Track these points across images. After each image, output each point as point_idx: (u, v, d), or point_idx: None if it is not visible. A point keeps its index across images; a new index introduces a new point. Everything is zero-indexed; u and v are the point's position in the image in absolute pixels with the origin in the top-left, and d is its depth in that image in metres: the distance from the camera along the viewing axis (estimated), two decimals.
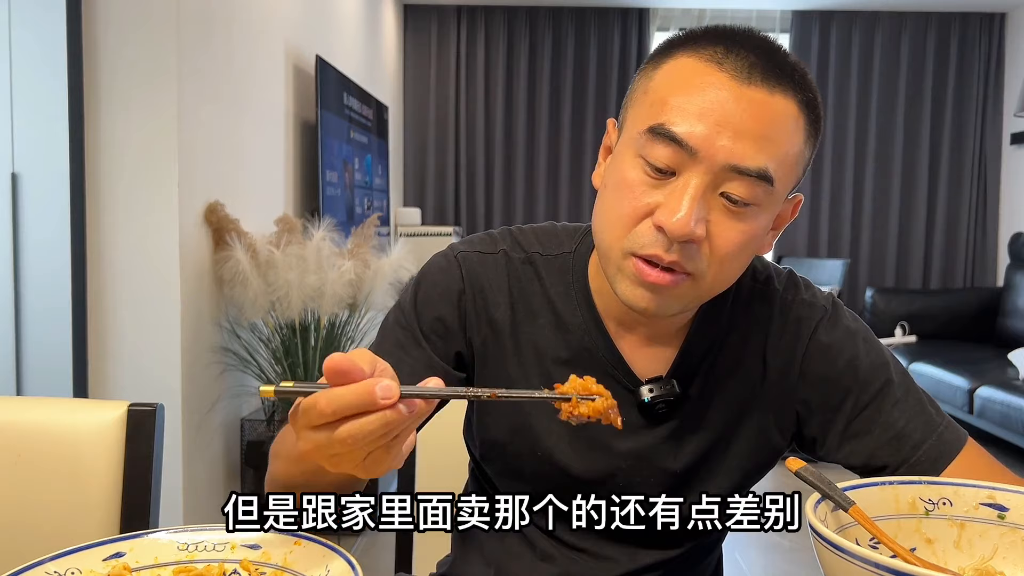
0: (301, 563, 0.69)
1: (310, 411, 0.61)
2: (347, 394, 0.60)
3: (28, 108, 2.27)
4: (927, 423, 0.88)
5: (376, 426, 0.60)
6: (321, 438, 0.61)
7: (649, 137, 0.79)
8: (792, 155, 0.80)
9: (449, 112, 6.11)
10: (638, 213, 0.80)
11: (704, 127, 0.76)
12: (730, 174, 0.77)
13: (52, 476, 0.99)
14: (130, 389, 2.41)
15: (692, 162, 0.77)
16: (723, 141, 0.76)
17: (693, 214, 0.76)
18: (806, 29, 6.04)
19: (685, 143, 0.77)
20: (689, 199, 0.77)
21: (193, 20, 2.48)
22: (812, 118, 0.82)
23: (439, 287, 0.94)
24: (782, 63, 0.80)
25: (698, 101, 0.77)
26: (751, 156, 0.77)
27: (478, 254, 0.95)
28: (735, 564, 2.90)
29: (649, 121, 0.79)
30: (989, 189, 6.04)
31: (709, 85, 0.78)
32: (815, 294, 0.95)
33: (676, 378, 0.91)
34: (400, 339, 0.94)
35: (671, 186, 0.78)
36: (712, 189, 0.78)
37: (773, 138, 0.78)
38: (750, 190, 0.78)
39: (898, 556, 0.69)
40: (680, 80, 0.80)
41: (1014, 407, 3.84)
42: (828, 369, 0.91)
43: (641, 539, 0.94)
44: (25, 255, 2.30)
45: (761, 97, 0.77)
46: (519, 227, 0.99)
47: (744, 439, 0.93)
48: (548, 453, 0.92)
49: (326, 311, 2.80)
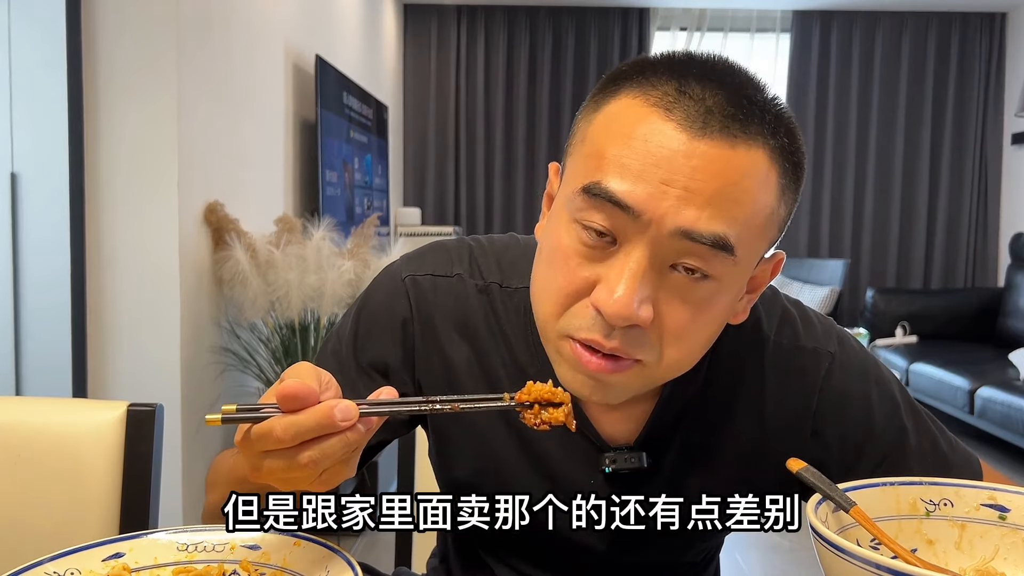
0: (301, 563, 0.69)
1: (265, 438, 0.58)
2: (306, 420, 0.57)
3: (27, 108, 2.27)
4: (941, 466, 0.83)
5: (337, 448, 0.58)
6: (277, 464, 0.59)
7: (584, 199, 0.66)
8: (760, 216, 0.67)
9: (449, 112, 6.11)
10: (574, 289, 0.68)
11: (647, 185, 0.64)
12: (681, 242, 0.64)
13: (52, 476, 0.99)
14: (130, 389, 2.41)
15: (634, 228, 0.65)
16: (670, 202, 0.63)
17: (636, 294, 0.64)
18: (806, 29, 6.04)
19: (625, 205, 0.64)
20: (630, 275, 0.65)
21: (193, 19, 2.48)
22: (788, 168, 0.68)
23: (382, 319, 0.84)
24: (748, 104, 0.66)
25: (641, 154, 0.64)
26: (704, 221, 0.64)
27: (430, 278, 0.84)
28: (735, 564, 2.89)
29: (584, 179, 0.66)
30: (990, 189, 6.04)
31: (654, 135, 0.64)
32: (816, 334, 0.83)
33: (647, 447, 0.81)
34: (333, 373, 0.88)
35: (612, 259, 0.66)
36: (660, 262, 0.66)
37: (734, 199, 0.65)
38: (705, 261, 0.65)
39: (899, 557, 0.68)
40: (621, 128, 0.66)
41: (1015, 407, 3.84)
42: (843, 428, 0.82)
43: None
44: (24, 255, 2.30)
45: (718, 151, 0.64)
46: (479, 240, 0.87)
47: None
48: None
49: (326, 311, 2.80)
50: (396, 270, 0.86)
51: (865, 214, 6.09)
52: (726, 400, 0.81)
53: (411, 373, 0.85)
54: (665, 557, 0.90)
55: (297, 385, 0.58)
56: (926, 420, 0.86)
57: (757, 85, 0.69)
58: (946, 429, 0.88)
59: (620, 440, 0.82)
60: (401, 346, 0.84)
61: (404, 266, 0.86)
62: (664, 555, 0.89)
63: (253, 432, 0.59)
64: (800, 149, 0.70)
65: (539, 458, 0.84)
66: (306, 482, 0.60)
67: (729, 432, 0.82)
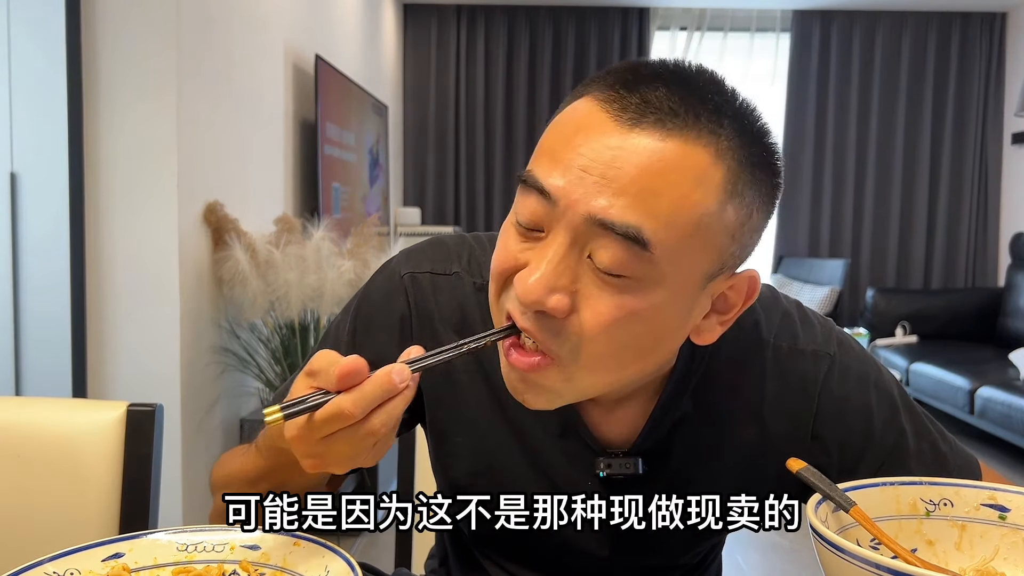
0: (301, 564, 0.69)
1: (335, 419, 0.61)
2: (372, 390, 0.61)
3: (27, 107, 2.27)
4: (941, 468, 0.83)
5: (400, 407, 0.63)
6: (344, 443, 0.62)
7: (521, 188, 0.67)
8: (689, 215, 0.63)
9: (449, 112, 6.11)
10: (507, 268, 0.68)
11: (567, 172, 0.64)
12: (595, 230, 0.63)
13: (52, 476, 0.99)
14: (129, 389, 2.41)
15: (555, 216, 0.65)
16: (585, 188, 0.63)
17: (548, 281, 0.64)
18: (806, 29, 6.04)
19: (545, 191, 0.64)
20: (546, 262, 0.64)
21: (193, 20, 2.48)
22: (740, 171, 0.65)
23: (379, 316, 0.84)
24: (699, 103, 0.64)
25: (572, 145, 0.65)
26: (617, 209, 0.62)
27: (429, 276, 0.84)
28: (735, 564, 2.89)
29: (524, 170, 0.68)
30: (990, 189, 6.04)
31: (590, 128, 0.64)
32: (815, 337, 0.83)
33: (643, 452, 0.80)
34: None
35: (538, 245, 0.66)
36: (580, 251, 0.65)
37: (653, 190, 0.62)
38: (615, 254, 0.63)
39: (899, 557, 0.68)
40: (565, 124, 0.67)
41: (1015, 407, 3.84)
42: (843, 432, 0.82)
43: None
44: (24, 255, 2.30)
45: (648, 143, 0.63)
46: (480, 238, 0.87)
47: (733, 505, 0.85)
48: None
49: (326, 311, 2.80)
50: (395, 267, 0.86)
51: (865, 214, 6.09)
52: (725, 405, 0.81)
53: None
54: (663, 560, 0.90)
55: (353, 361, 0.61)
56: (925, 422, 0.86)
57: (720, 88, 0.67)
58: (945, 431, 0.88)
59: (617, 444, 0.82)
60: (399, 343, 0.82)
61: (403, 263, 0.86)
62: (662, 558, 0.89)
63: (318, 417, 0.62)
64: (766, 155, 0.67)
65: (537, 460, 0.84)
66: (367, 456, 0.64)
67: (728, 437, 0.82)
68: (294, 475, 0.75)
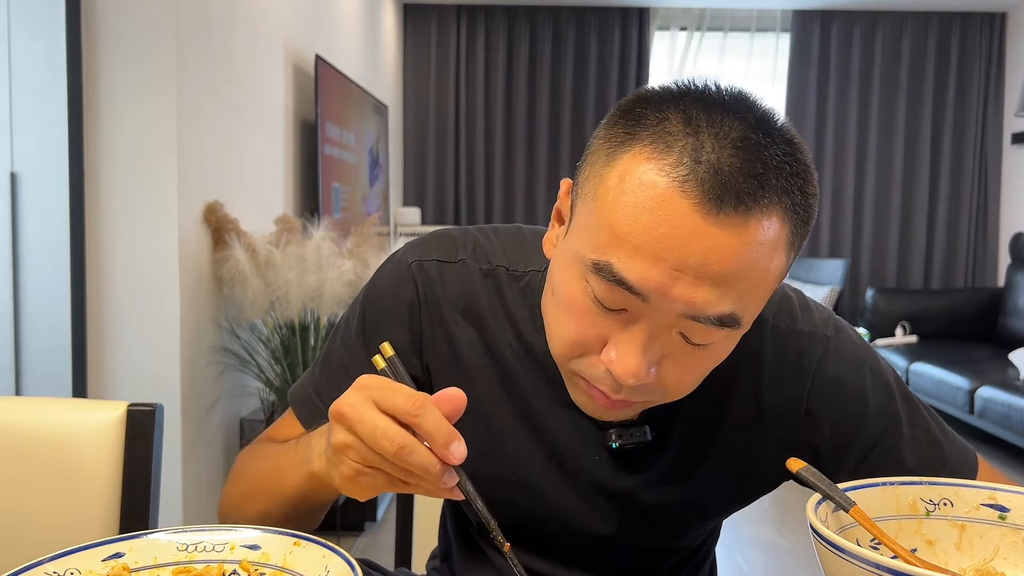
0: (301, 563, 0.69)
1: (411, 450, 0.63)
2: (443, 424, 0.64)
3: (27, 107, 2.27)
4: (937, 456, 0.84)
5: (420, 458, 0.64)
6: (383, 476, 0.65)
7: (595, 270, 0.67)
8: (769, 282, 0.68)
9: (449, 112, 6.11)
10: (585, 341, 0.70)
11: (658, 272, 0.64)
12: (687, 320, 0.66)
13: (51, 476, 0.99)
14: (129, 389, 2.41)
15: (644, 306, 0.66)
16: (680, 288, 0.64)
17: (644, 365, 0.67)
18: (806, 29, 6.04)
19: (636, 290, 0.65)
20: (640, 346, 0.67)
21: (193, 20, 2.48)
22: (798, 221, 0.67)
23: (388, 302, 0.86)
24: (764, 168, 0.64)
25: (654, 237, 0.63)
26: (712, 303, 0.65)
27: (436, 263, 0.86)
28: (735, 564, 2.89)
29: (595, 253, 0.66)
30: (990, 189, 6.04)
31: (669, 217, 0.63)
32: (813, 319, 0.85)
33: (650, 421, 0.83)
34: (343, 360, 0.88)
35: (621, 322, 0.68)
36: (667, 329, 0.68)
37: (744, 275, 0.65)
38: (709, 334, 0.67)
39: (899, 557, 0.68)
40: (635, 201, 0.64)
41: (1015, 407, 3.84)
42: (836, 411, 0.83)
43: (621, 569, 0.91)
44: (24, 255, 2.30)
45: (731, 230, 0.63)
46: (484, 230, 0.89)
47: (734, 480, 0.86)
48: (522, 481, 0.86)
49: (326, 311, 2.80)
50: (402, 256, 0.88)
51: (865, 214, 6.09)
52: (725, 379, 0.82)
53: (419, 356, 0.86)
54: (666, 540, 0.91)
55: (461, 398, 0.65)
56: (922, 410, 0.86)
57: (769, 125, 0.66)
58: (944, 423, 0.88)
59: (623, 418, 0.84)
60: (409, 330, 0.86)
61: (410, 252, 0.88)
62: (666, 536, 0.91)
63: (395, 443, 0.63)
64: (811, 196, 0.68)
65: (544, 438, 0.85)
66: (377, 489, 0.68)
67: (728, 409, 0.84)
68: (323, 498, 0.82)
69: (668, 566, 0.95)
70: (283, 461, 0.82)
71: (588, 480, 0.85)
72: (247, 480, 0.88)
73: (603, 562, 0.90)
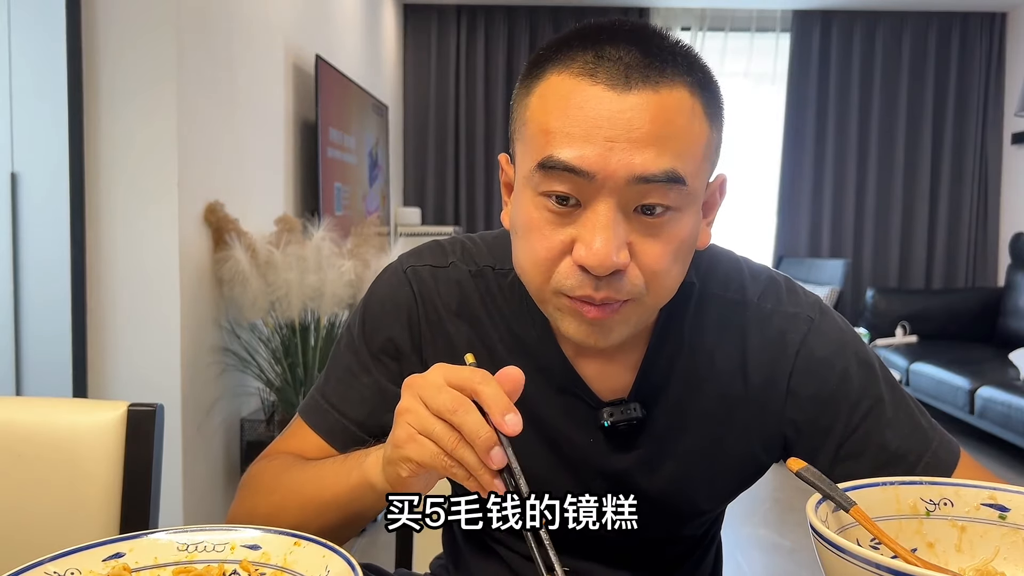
0: (301, 563, 0.69)
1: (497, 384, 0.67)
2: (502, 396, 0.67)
3: (28, 108, 2.27)
4: (920, 441, 0.85)
5: (472, 424, 0.66)
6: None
7: (542, 173, 0.72)
8: (699, 145, 0.74)
9: (449, 112, 6.11)
10: (554, 253, 0.74)
11: (594, 147, 0.70)
12: (638, 187, 0.71)
13: (52, 476, 0.99)
14: (130, 389, 2.41)
15: (593, 187, 0.71)
16: (619, 155, 0.70)
17: (612, 243, 0.71)
18: (807, 29, 6.04)
19: (579, 170, 0.70)
20: (602, 227, 0.71)
21: (193, 20, 2.48)
22: (708, 98, 0.75)
23: (388, 305, 0.90)
24: (660, 51, 0.73)
25: (580, 120, 0.71)
26: (653, 161, 0.70)
27: (429, 268, 0.91)
28: (735, 564, 2.89)
29: (537, 156, 0.73)
30: (990, 189, 6.04)
31: (587, 100, 0.71)
32: (799, 301, 0.88)
33: (640, 399, 0.86)
34: (349, 364, 0.91)
35: (582, 218, 0.73)
36: (624, 209, 0.72)
37: (671, 135, 0.71)
38: (664, 196, 0.72)
39: (899, 557, 0.68)
40: (555, 102, 0.73)
41: (1015, 407, 3.83)
42: (818, 388, 0.85)
43: (625, 559, 0.91)
44: (25, 255, 2.30)
45: (645, 97, 0.71)
46: (470, 236, 0.94)
47: (724, 459, 0.88)
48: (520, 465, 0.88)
49: (326, 311, 2.80)
50: (397, 264, 0.93)
51: (866, 214, 6.09)
52: (710, 359, 0.86)
53: (419, 355, 0.90)
54: (669, 529, 0.92)
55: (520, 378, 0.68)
56: (905, 397, 0.87)
57: (663, 35, 0.76)
58: (926, 411, 0.88)
59: (612, 397, 0.87)
60: (408, 331, 0.90)
61: (404, 260, 0.93)
62: (668, 525, 0.92)
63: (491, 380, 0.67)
64: (713, 79, 0.77)
65: (538, 423, 0.87)
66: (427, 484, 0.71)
67: (715, 386, 0.87)
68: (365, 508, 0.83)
69: (671, 557, 0.95)
70: (326, 470, 0.83)
71: (584, 464, 0.87)
72: (279, 492, 0.87)
73: (604, 551, 0.91)
